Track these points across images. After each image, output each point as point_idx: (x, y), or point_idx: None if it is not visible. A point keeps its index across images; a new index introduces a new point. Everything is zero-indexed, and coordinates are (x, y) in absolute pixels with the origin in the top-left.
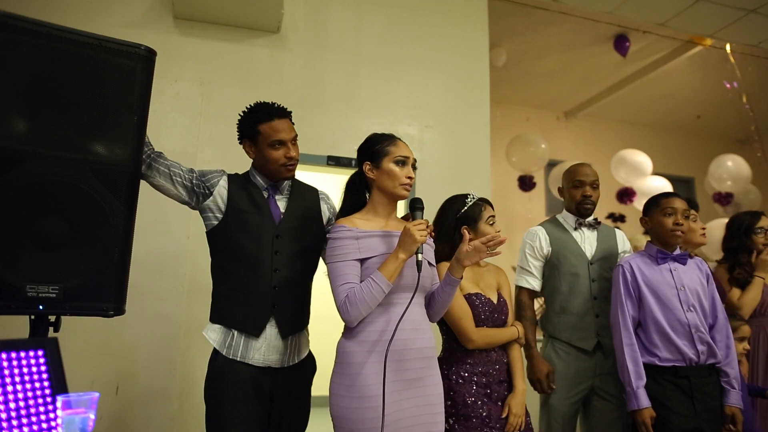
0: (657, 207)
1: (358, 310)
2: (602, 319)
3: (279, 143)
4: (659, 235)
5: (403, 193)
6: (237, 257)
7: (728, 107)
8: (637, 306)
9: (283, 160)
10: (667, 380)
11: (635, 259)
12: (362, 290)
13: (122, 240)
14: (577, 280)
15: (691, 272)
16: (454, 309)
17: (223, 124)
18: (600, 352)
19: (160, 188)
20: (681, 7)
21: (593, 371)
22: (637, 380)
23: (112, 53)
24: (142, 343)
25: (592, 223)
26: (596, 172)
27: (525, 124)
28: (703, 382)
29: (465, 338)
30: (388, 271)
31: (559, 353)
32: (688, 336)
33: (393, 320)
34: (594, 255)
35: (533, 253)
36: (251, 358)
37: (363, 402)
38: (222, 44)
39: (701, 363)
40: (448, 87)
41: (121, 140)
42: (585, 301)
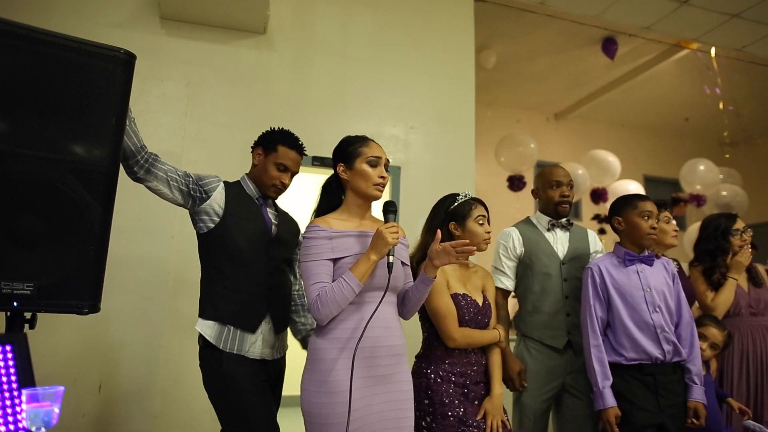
0: (634, 209)
1: (329, 309)
2: (573, 318)
3: (284, 168)
4: (634, 237)
5: (375, 193)
6: (233, 259)
7: (716, 110)
8: (606, 308)
9: (278, 182)
10: (633, 377)
11: (604, 261)
12: (333, 290)
13: (98, 239)
14: (549, 279)
15: (657, 273)
16: (440, 307)
17: (209, 124)
18: (571, 350)
19: (156, 192)
20: (666, 11)
21: (564, 369)
22: (603, 380)
23: (92, 56)
24: (126, 342)
25: (564, 224)
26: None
27: (515, 126)
28: (668, 379)
29: (447, 336)
30: (360, 271)
31: (531, 351)
32: (654, 336)
33: (364, 319)
34: (566, 255)
35: (507, 254)
36: (247, 351)
37: (333, 397)
38: (208, 45)
39: (666, 361)
40: (434, 88)
41: (99, 141)
42: (556, 301)
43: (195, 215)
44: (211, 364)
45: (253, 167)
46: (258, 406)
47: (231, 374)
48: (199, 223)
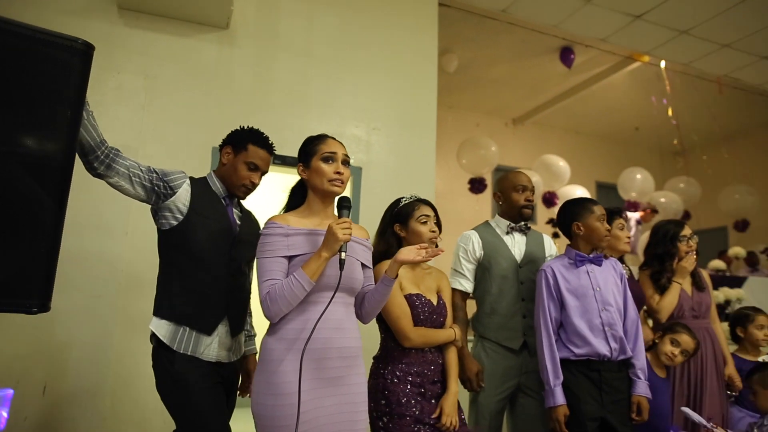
0: (591, 213)
1: (278, 306)
2: (529, 320)
3: (255, 167)
4: (593, 240)
5: (333, 189)
6: (194, 258)
7: (664, 121)
8: (559, 307)
9: (248, 182)
10: (580, 372)
11: (556, 263)
12: (283, 287)
13: (50, 235)
14: (507, 282)
15: (606, 273)
16: (393, 307)
17: (167, 119)
18: (526, 351)
19: (117, 188)
20: (621, 24)
21: (519, 369)
22: (554, 379)
23: (48, 45)
24: (74, 341)
25: (522, 228)
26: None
27: (475, 129)
28: (613, 376)
29: (402, 336)
30: (311, 269)
31: (487, 352)
32: (602, 334)
33: (312, 319)
34: (523, 258)
35: (466, 256)
36: (202, 353)
37: (280, 399)
38: (168, 38)
39: (613, 359)
40: (397, 90)
41: (53, 134)
42: (513, 303)
43: (158, 211)
44: (164, 365)
45: (221, 166)
46: (210, 407)
47: (184, 375)
48: (161, 219)
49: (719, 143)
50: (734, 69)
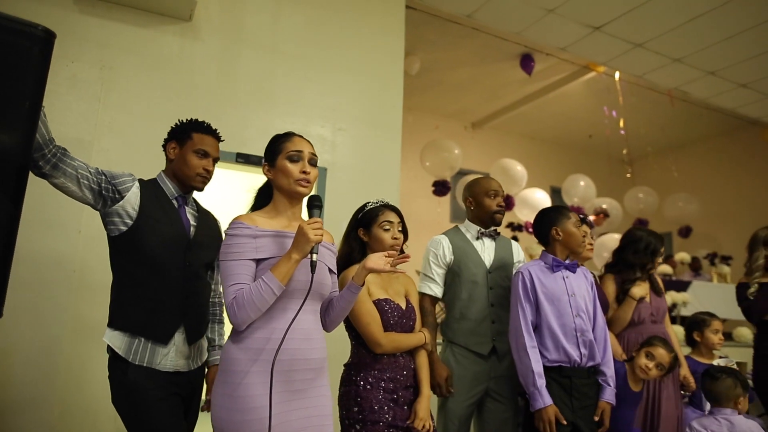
0: (568, 219)
1: (246, 312)
2: (498, 325)
3: (204, 154)
4: (571, 245)
5: (299, 190)
6: (147, 264)
7: (615, 129)
8: (535, 311)
9: (201, 170)
10: (553, 378)
11: (533, 267)
12: (251, 292)
13: (5, 237)
14: (476, 287)
15: (579, 280)
16: (362, 314)
17: (124, 112)
18: (495, 356)
19: (62, 189)
20: (580, 35)
21: (488, 374)
22: (539, 380)
23: (4, 30)
24: (20, 346)
25: (492, 233)
26: None
27: (435, 132)
28: (582, 383)
29: (373, 343)
30: (281, 272)
31: (457, 357)
32: (574, 339)
33: (281, 327)
34: (492, 264)
35: (437, 261)
36: (158, 363)
37: (248, 414)
38: (127, 27)
39: (583, 365)
40: (363, 90)
41: (9, 128)
42: (483, 308)
43: (106, 216)
44: (118, 376)
45: (168, 163)
46: (166, 419)
47: (138, 386)
48: (110, 225)
49: (665, 153)
50: (684, 83)
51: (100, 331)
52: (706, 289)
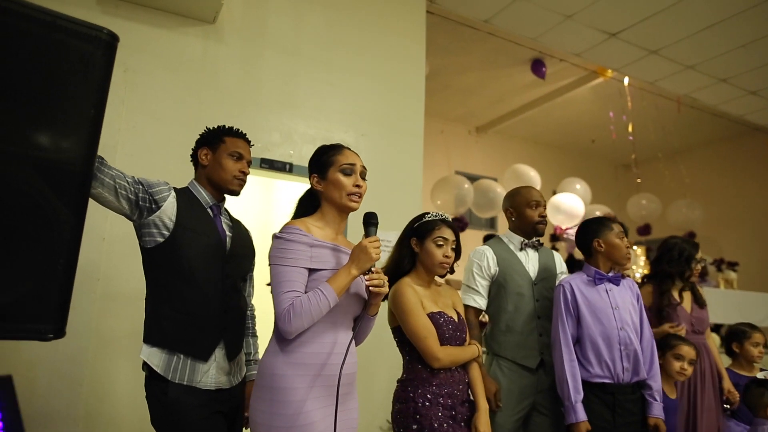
0: (611, 231)
1: (301, 321)
2: (545, 338)
3: (239, 156)
4: (614, 257)
5: (351, 204)
6: (184, 277)
7: (620, 135)
8: (576, 324)
9: (237, 172)
10: (594, 394)
11: (575, 279)
12: (309, 301)
13: (68, 251)
14: (522, 299)
15: (623, 292)
16: (419, 328)
17: (148, 115)
18: (542, 370)
19: (98, 199)
20: (596, 41)
21: (535, 388)
22: (575, 395)
23: (69, 34)
24: (44, 358)
25: (535, 244)
26: None
27: (439, 136)
28: (626, 398)
29: (431, 357)
30: (339, 285)
31: (504, 371)
32: (619, 353)
33: (329, 342)
34: (537, 275)
35: (481, 273)
36: (199, 381)
37: (304, 430)
38: (150, 29)
39: (627, 381)
40: (385, 96)
41: (72, 135)
42: (529, 320)
43: (141, 227)
44: (157, 396)
45: (201, 170)
46: None
47: (180, 406)
48: (146, 237)
49: (670, 158)
50: (694, 89)
51: (124, 342)
52: (713, 295)
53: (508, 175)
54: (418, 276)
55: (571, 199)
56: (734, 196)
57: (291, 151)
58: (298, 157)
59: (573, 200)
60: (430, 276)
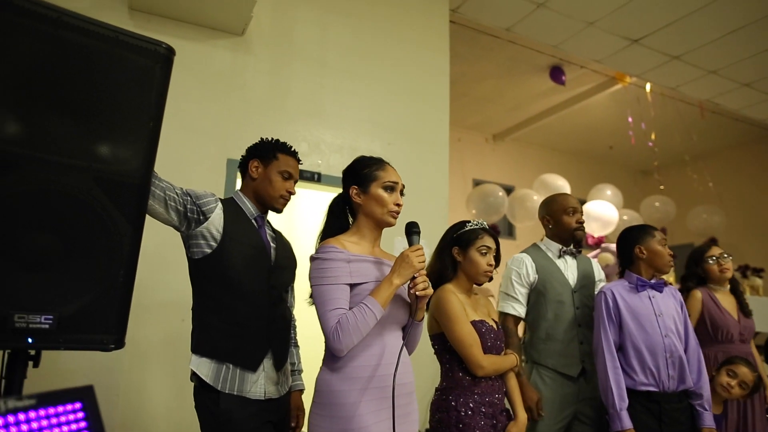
0: (653, 238)
1: (351, 338)
2: (586, 346)
3: (289, 175)
4: (657, 264)
5: (390, 221)
6: (231, 288)
7: (638, 140)
8: (618, 331)
9: (284, 192)
10: (639, 403)
11: (616, 286)
12: (355, 317)
13: (127, 263)
14: (563, 307)
15: (667, 299)
16: (464, 335)
17: (178, 127)
18: (583, 378)
19: (149, 210)
20: (617, 48)
21: (576, 396)
22: (620, 402)
23: (129, 49)
24: (79, 368)
25: (573, 251)
26: None
27: (457, 144)
28: (673, 407)
29: (476, 365)
30: (382, 297)
31: (545, 380)
32: (664, 360)
33: (379, 353)
34: (576, 283)
35: (520, 280)
36: (248, 391)
37: None
38: (180, 42)
39: (673, 389)
40: (410, 105)
41: (132, 148)
42: (570, 328)
43: (189, 239)
44: (208, 406)
45: (250, 181)
46: None
47: (232, 416)
48: (194, 248)
49: (689, 163)
50: (717, 94)
51: (158, 351)
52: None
53: (537, 186)
54: (459, 284)
55: (602, 207)
56: (759, 202)
57: (319, 161)
58: (326, 166)
59: (604, 207)
60: (470, 284)
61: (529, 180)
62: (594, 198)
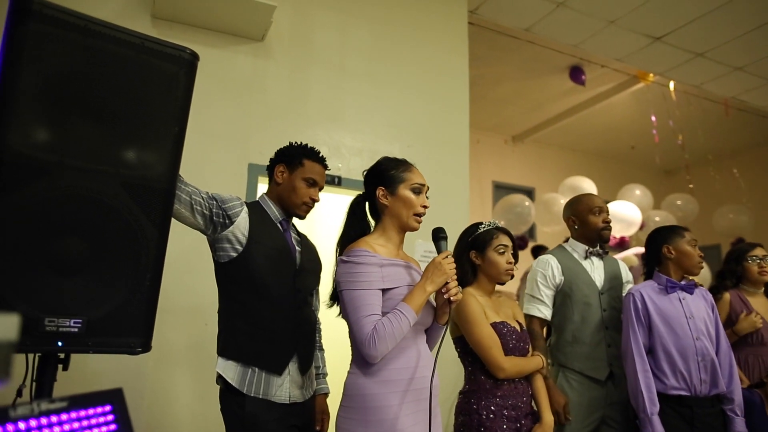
0: (682, 238)
1: (386, 344)
2: (614, 349)
3: (313, 183)
4: (686, 265)
5: (414, 225)
6: (257, 291)
7: (662, 139)
8: (647, 334)
9: (308, 199)
10: (670, 407)
11: (645, 288)
12: (392, 324)
13: (154, 267)
14: (590, 309)
15: (698, 301)
16: (483, 338)
17: (201, 132)
18: (611, 382)
19: (176, 215)
20: (639, 46)
21: (604, 400)
22: (651, 407)
23: (154, 55)
24: (107, 371)
25: (599, 252)
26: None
27: (476, 146)
28: (706, 412)
29: (496, 367)
30: (416, 303)
31: (571, 383)
32: (696, 364)
33: (423, 356)
34: (603, 284)
35: (545, 282)
36: (274, 395)
37: None
38: (202, 49)
39: (705, 394)
40: (430, 108)
41: (157, 153)
42: (597, 331)
43: (215, 242)
44: (234, 409)
45: (275, 186)
46: None
47: (258, 420)
48: (220, 252)
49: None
50: (742, 91)
51: (183, 355)
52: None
53: (563, 190)
54: (479, 287)
55: (625, 207)
56: None
57: (339, 164)
58: (346, 170)
59: (628, 208)
60: (491, 286)
61: (549, 181)
62: (623, 198)
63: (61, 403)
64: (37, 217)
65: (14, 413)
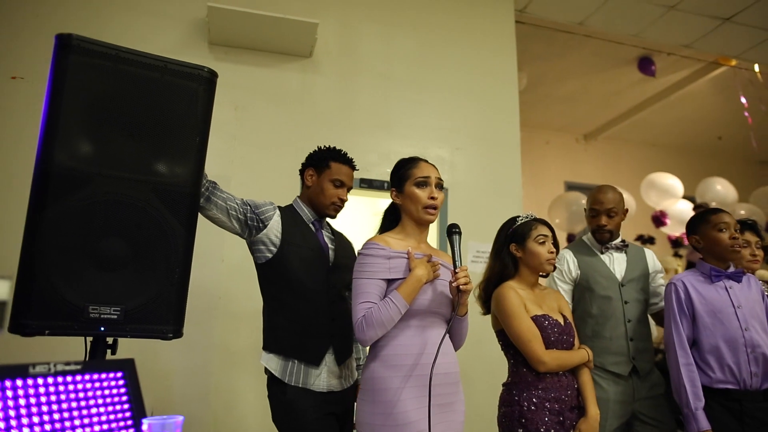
0: (708, 224)
1: (374, 330)
2: (636, 343)
3: (341, 183)
4: (716, 253)
5: (426, 218)
6: (292, 289)
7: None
8: (691, 324)
9: (336, 199)
10: (716, 401)
11: (688, 277)
12: (380, 310)
13: (182, 261)
14: (609, 302)
15: (747, 290)
16: (522, 331)
17: (256, 147)
18: (636, 377)
19: (214, 220)
20: (707, 29)
21: (632, 396)
22: (696, 401)
23: (176, 75)
24: (177, 368)
25: (619, 245)
26: (618, 195)
27: (545, 147)
28: (757, 407)
29: (536, 361)
30: (405, 291)
31: (594, 379)
32: (745, 356)
33: (430, 343)
34: (624, 276)
35: (562, 277)
36: (312, 384)
37: (401, 430)
38: (255, 69)
39: (757, 387)
40: (478, 110)
41: (182, 161)
42: (618, 325)
43: (252, 245)
44: (277, 396)
45: (305, 189)
46: None
47: (296, 406)
48: (257, 254)
49: None
50: None
51: (244, 357)
52: None
53: (644, 186)
54: (521, 280)
55: (680, 205)
56: None
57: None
58: None
59: (682, 205)
60: (534, 278)
61: (629, 179)
62: (703, 193)
63: (76, 365)
64: (82, 220)
65: (33, 370)
